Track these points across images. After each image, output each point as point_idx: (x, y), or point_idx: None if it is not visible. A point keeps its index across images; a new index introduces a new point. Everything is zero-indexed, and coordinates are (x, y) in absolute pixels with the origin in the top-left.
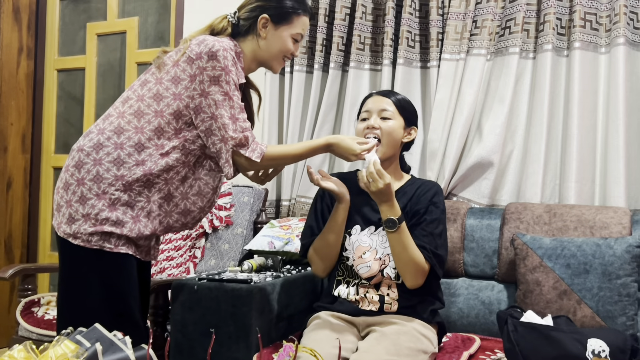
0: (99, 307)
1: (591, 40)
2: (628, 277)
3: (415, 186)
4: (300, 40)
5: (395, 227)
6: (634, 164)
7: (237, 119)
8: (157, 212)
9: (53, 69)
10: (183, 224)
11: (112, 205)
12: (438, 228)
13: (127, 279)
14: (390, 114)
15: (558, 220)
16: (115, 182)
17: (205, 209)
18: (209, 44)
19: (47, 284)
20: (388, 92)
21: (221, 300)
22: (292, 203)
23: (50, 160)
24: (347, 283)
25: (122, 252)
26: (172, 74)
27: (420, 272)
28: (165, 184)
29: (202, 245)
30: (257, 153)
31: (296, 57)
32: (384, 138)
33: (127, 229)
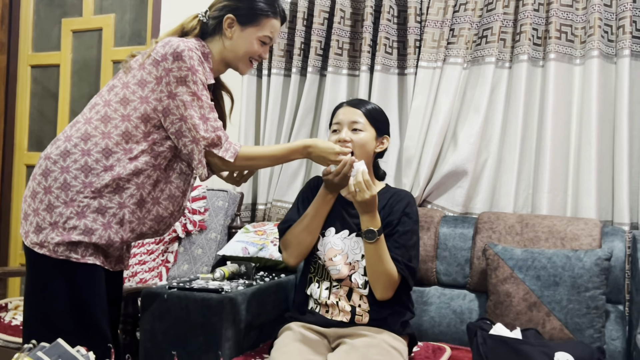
0: (65, 318)
1: (566, 51)
2: (596, 290)
3: (388, 195)
4: (270, 43)
5: (374, 239)
6: (606, 175)
7: (207, 118)
8: (129, 218)
9: (27, 64)
10: (155, 230)
11: (80, 213)
12: (412, 240)
13: (94, 290)
14: (361, 125)
15: (530, 231)
16: (84, 190)
17: (176, 214)
18: (173, 44)
19: (18, 287)
20: (358, 102)
21: (191, 310)
22: (268, 207)
23: (22, 158)
24: (318, 282)
25: (89, 263)
26: (138, 77)
27: (391, 284)
28: (137, 188)
29: (175, 250)
30: (231, 153)
31: (264, 60)
32: (356, 150)
33: (96, 237)
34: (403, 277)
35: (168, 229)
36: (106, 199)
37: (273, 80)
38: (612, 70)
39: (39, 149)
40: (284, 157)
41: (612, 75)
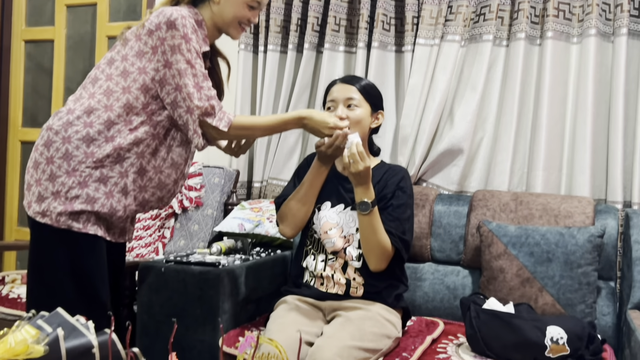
0: (65, 288)
1: (564, 30)
2: (589, 266)
3: (383, 170)
4: (258, 7)
5: (368, 210)
6: (600, 154)
7: (201, 87)
8: (131, 187)
9: (20, 39)
10: (159, 198)
11: (82, 182)
12: (405, 213)
13: (94, 260)
14: (356, 102)
15: (524, 209)
16: (86, 160)
17: (179, 182)
18: (167, 13)
19: (14, 262)
20: (351, 78)
21: (188, 283)
22: (264, 185)
23: (17, 134)
24: (314, 255)
25: (90, 233)
26: (135, 48)
27: (385, 256)
28: (137, 157)
29: (172, 226)
30: (225, 122)
31: (254, 24)
32: (353, 127)
33: (98, 205)
34: (397, 249)
35: (172, 197)
36: (107, 168)
37: (269, 57)
38: (609, 49)
39: (33, 125)
40: (278, 127)
41: (609, 54)
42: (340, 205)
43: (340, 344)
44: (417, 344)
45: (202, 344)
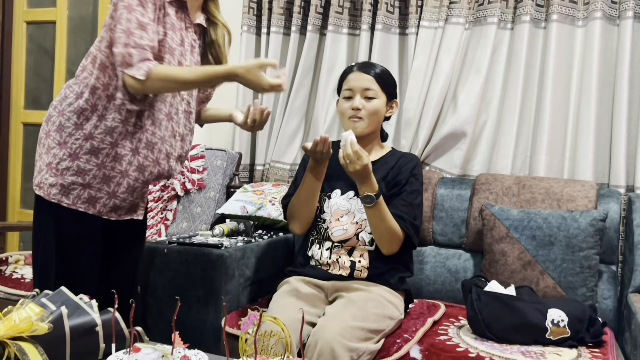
0: (52, 263)
1: (569, 13)
2: (590, 250)
3: (396, 157)
4: None
5: (372, 203)
6: (603, 139)
7: (131, 33)
8: (123, 152)
9: (22, 21)
10: (154, 160)
11: (73, 154)
12: (417, 199)
13: (80, 237)
14: (373, 92)
15: (527, 192)
16: (75, 132)
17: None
18: None
19: (17, 243)
20: (368, 66)
21: (191, 264)
22: (266, 168)
23: (19, 116)
24: (319, 244)
25: (80, 210)
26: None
27: (396, 240)
28: (123, 125)
29: (174, 208)
30: (143, 71)
31: None
32: (369, 118)
33: (90, 177)
34: (407, 234)
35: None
36: (98, 140)
37: (272, 39)
38: (615, 32)
39: (35, 107)
40: (203, 81)
41: (614, 37)
42: (350, 191)
43: (343, 324)
44: (418, 326)
45: (205, 324)
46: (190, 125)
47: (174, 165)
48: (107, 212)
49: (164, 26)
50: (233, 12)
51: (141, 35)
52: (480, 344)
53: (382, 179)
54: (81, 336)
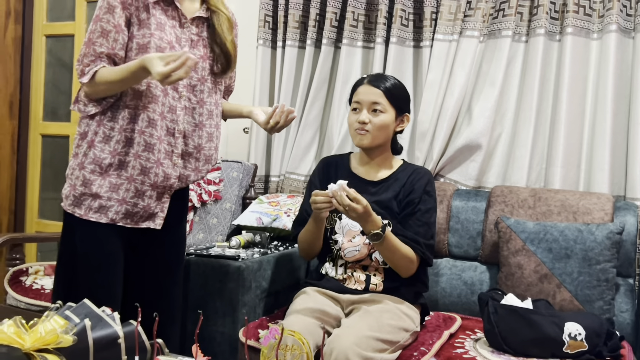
0: (70, 273)
1: (584, 26)
2: (607, 263)
3: (408, 173)
4: None
5: (381, 239)
6: (619, 151)
7: (93, 42)
8: (125, 159)
9: (41, 34)
10: (157, 161)
11: (80, 164)
12: (432, 217)
13: (94, 250)
14: (381, 107)
15: (542, 205)
16: (81, 142)
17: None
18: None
19: (35, 253)
20: (378, 79)
21: (209, 276)
22: (281, 179)
23: (38, 128)
24: (332, 261)
25: (92, 220)
26: None
27: (412, 265)
28: (118, 133)
29: (191, 219)
30: (87, 77)
31: None
32: (374, 132)
33: (95, 187)
34: (422, 257)
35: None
36: (98, 149)
37: (287, 52)
38: (630, 45)
39: (54, 119)
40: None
41: (629, 50)
42: (367, 204)
43: (359, 334)
44: (434, 339)
45: (222, 335)
46: (196, 120)
47: (180, 163)
48: (121, 219)
49: (148, 27)
50: (249, 26)
51: (101, 43)
52: (497, 357)
53: (394, 197)
54: (104, 348)
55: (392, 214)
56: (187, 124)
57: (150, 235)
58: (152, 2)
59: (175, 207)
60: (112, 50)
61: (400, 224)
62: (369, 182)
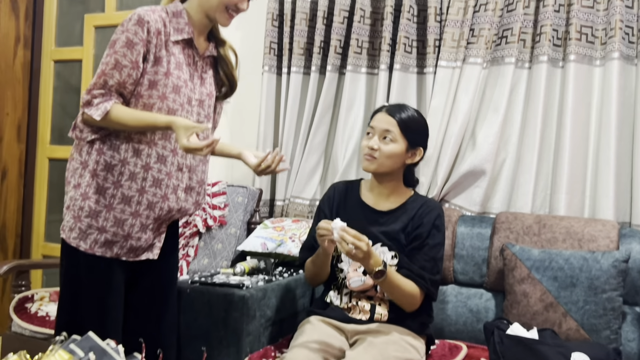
0: (71, 306)
1: (586, 53)
2: (613, 292)
3: (417, 205)
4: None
5: (384, 275)
6: (624, 177)
7: (105, 74)
8: (129, 193)
9: (50, 59)
10: (163, 196)
11: (84, 193)
12: (440, 252)
13: (99, 283)
14: (392, 136)
15: (547, 232)
16: (83, 171)
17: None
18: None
19: (40, 277)
20: (397, 109)
21: (213, 305)
22: (286, 203)
23: (45, 151)
24: (337, 289)
25: (97, 255)
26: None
27: (415, 300)
28: (122, 165)
29: (196, 244)
30: (100, 112)
31: (243, 11)
32: (381, 159)
33: (102, 218)
34: (426, 293)
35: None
36: (101, 177)
37: (292, 78)
38: (633, 72)
39: (61, 143)
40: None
41: (632, 77)
42: (369, 242)
43: None
44: None
45: None
46: (199, 156)
47: (183, 197)
48: (125, 253)
49: (164, 65)
50: (254, 53)
51: (112, 74)
52: None
53: (402, 230)
54: None
55: (398, 246)
56: (191, 159)
57: (147, 264)
58: (173, 41)
59: (168, 234)
60: (123, 84)
61: (406, 257)
62: (378, 211)
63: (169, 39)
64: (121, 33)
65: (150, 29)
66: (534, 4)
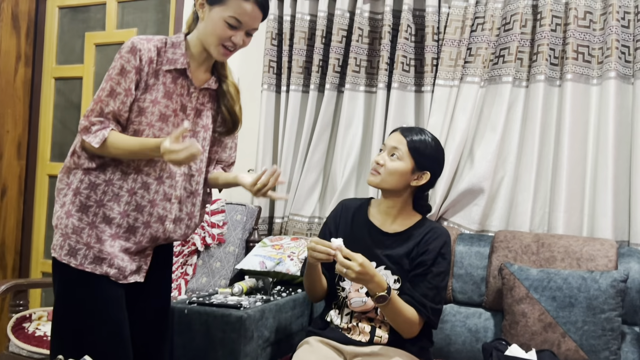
0: (63, 325)
1: (583, 72)
2: (612, 312)
3: (424, 230)
4: (238, 26)
5: (387, 300)
6: (622, 196)
7: (100, 100)
8: (110, 214)
9: (51, 77)
10: (145, 222)
11: (68, 211)
12: (444, 281)
13: (92, 301)
14: (399, 154)
15: (546, 251)
16: (67, 189)
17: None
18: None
19: (39, 298)
20: (411, 130)
21: (211, 326)
22: (285, 221)
23: (45, 168)
24: (338, 308)
25: (87, 271)
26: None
27: (414, 328)
28: (106, 185)
29: (194, 263)
30: (98, 139)
31: (241, 47)
32: (384, 175)
33: (85, 235)
34: (427, 321)
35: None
36: (84, 195)
37: (291, 97)
38: (629, 91)
39: (61, 160)
40: (141, 154)
41: (629, 95)
42: (372, 263)
43: None
44: None
45: None
46: (192, 187)
47: (171, 228)
48: (114, 273)
49: (153, 94)
50: (254, 71)
51: (108, 102)
52: None
53: (406, 255)
54: None
55: (402, 270)
56: (182, 189)
57: (138, 287)
58: (165, 70)
59: (160, 259)
60: (118, 112)
61: (409, 283)
62: (384, 233)
63: (161, 67)
64: (117, 60)
65: (142, 57)
66: (531, 23)
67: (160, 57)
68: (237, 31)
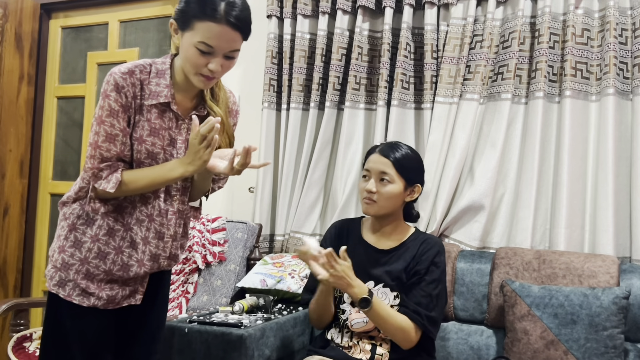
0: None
1: (582, 88)
2: (615, 329)
3: (418, 242)
4: (209, 51)
5: (370, 304)
6: (623, 211)
7: (99, 146)
8: (106, 250)
9: (53, 96)
10: (138, 260)
11: (61, 247)
12: (437, 289)
13: (75, 334)
14: (389, 177)
15: (547, 267)
16: (63, 222)
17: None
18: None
19: (40, 317)
20: (390, 148)
21: (211, 345)
22: (286, 238)
23: (47, 187)
24: (339, 328)
25: (75, 303)
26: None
27: (409, 335)
28: (102, 219)
29: (195, 281)
30: (112, 184)
31: (226, 71)
32: (381, 201)
33: (73, 272)
34: (423, 330)
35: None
36: (80, 232)
37: (292, 114)
38: (628, 107)
39: (63, 178)
40: (161, 178)
41: (628, 112)
42: (370, 282)
43: None
44: None
45: None
46: (184, 222)
47: (165, 263)
48: (103, 304)
49: (137, 131)
50: (254, 89)
51: (108, 148)
52: None
53: (404, 269)
54: None
55: (401, 285)
56: (176, 227)
57: (133, 310)
58: (148, 105)
59: (158, 285)
60: (121, 152)
61: (404, 293)
62: (379, 250)
63: (144, 103)
64: (104, 99)
65: (127, 94)
66: (529, 40)
67: (143, 90)
68: (211, 57)
